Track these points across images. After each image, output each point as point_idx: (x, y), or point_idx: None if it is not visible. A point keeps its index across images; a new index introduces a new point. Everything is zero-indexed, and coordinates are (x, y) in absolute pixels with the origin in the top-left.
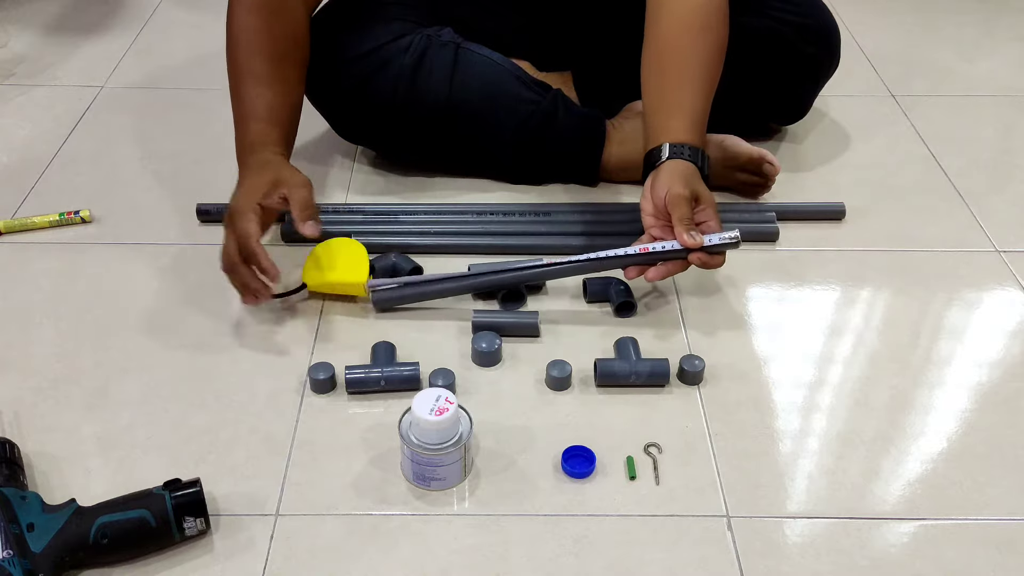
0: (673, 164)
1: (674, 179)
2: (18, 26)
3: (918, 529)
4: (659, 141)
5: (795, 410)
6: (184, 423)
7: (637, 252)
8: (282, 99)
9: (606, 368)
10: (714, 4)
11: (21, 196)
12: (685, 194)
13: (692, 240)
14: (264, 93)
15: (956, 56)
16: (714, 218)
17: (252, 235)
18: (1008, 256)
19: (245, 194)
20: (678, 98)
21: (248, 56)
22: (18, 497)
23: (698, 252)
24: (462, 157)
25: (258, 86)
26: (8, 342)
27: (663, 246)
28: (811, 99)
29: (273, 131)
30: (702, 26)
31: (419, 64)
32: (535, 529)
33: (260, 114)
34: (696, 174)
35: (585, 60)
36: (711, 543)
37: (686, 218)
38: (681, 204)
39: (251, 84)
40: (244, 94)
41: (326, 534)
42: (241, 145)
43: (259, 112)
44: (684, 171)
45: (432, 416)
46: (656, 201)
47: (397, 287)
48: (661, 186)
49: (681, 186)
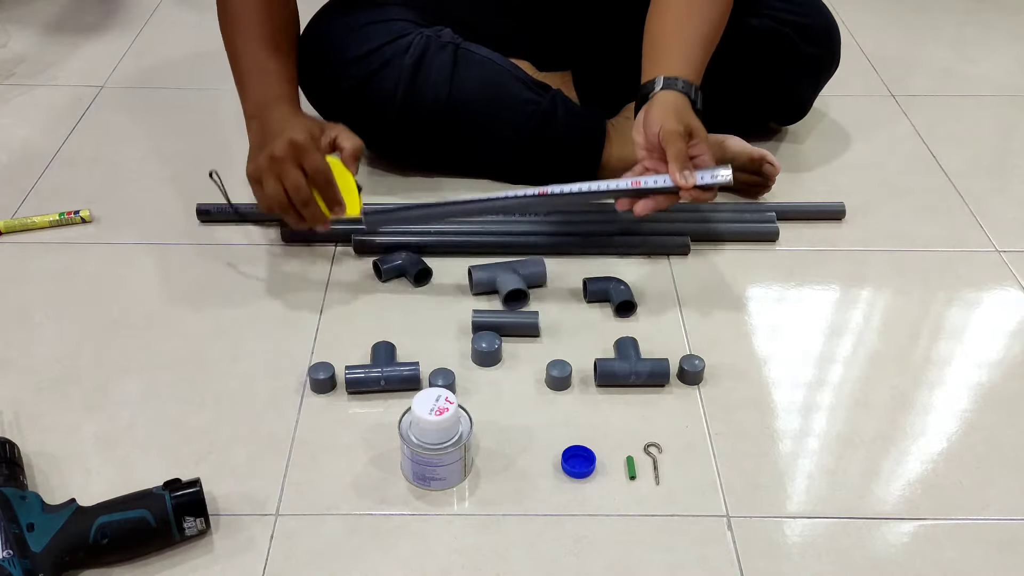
0: (665, 96)
1: (667, 113)
2: (18, 26)
3: (918, 529)
4: (653, 75)
5: (795, 410)
6: (184, 423)
7: (629, 186)
8: (288, 63)
9: (606, 368)
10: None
11: (21, 196)
12: (679, 129)
13: (685, 181)
14: (272, 55)
15: (956, 56)
16: (707, 152)
17: (327, 169)
18: (1008, 256)
19: (301, 131)
20: (676, 40)
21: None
22: (18, 497)
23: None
24: (462, 157)
25: (265, 49)
26: (8, 342)
27: (655, 181)
28: (811, 99)
29: (291, 91)
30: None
31: (419, 64)
32: (535, 529)
33: (276, 75)
34: (688, 106)
35: (585, 60)
36: (711, 543)
37: (681, 154)
38: (675, 140)
39: (257, 48)
40: (251, 57)
41: (326, 534)
42: (262, 98)
43: (274, 72)
44: (676, 103)
45: (432, 416)
46: (649, 135)
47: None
48: (654, 120)
49: (674, 121)
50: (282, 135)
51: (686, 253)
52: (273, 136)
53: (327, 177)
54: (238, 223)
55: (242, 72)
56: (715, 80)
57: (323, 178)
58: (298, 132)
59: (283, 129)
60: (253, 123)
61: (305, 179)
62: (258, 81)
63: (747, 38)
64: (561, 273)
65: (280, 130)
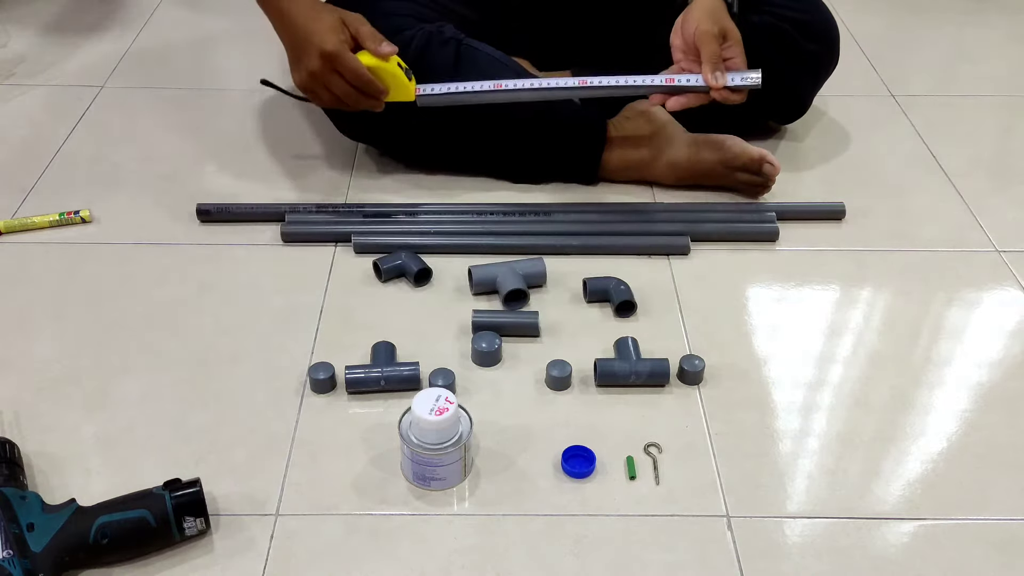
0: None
1: (703, 16)
2: (18, 26)
3: (918, 529)
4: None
5: (795, 410)
6: (184, 423)
7: (663, 83)
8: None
9: (606, 368)
10: None
11: (21, 196)
12: (713, 31)
13: (716, 81)
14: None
15: (956, 56)
16: (740, 55)
17: (364, 69)
18: (1008, 256)
19: (329, 35)
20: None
21: None
22: (18, 497)
23: (721, 90)
24: (462, 155)
25: None
26: (8, 342)
27: (688, 79)
28: (811, 96)
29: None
30: None
31: (421, 60)
32: (535, 529)
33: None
34: (724, 10)
35: (585, 60)
36: (711, 543)
37: (715, 55)
38: (710, 41)
39: None
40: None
41: (326, 534)
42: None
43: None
44: (713, 7)
45: (432, 416)
46: (686, 36)
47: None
48: (691, 21)
49: (710, 23)
50: (311, 46)
51: (686, 253)
52: (302, 43)
53: (365, 77)
54: (238, 223)
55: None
56: None
57: (362, 80)
58: (325, 37)
59: (309, 31)
60: (275, 22)
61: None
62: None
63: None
64: (561, 273)
65: (306, 34)
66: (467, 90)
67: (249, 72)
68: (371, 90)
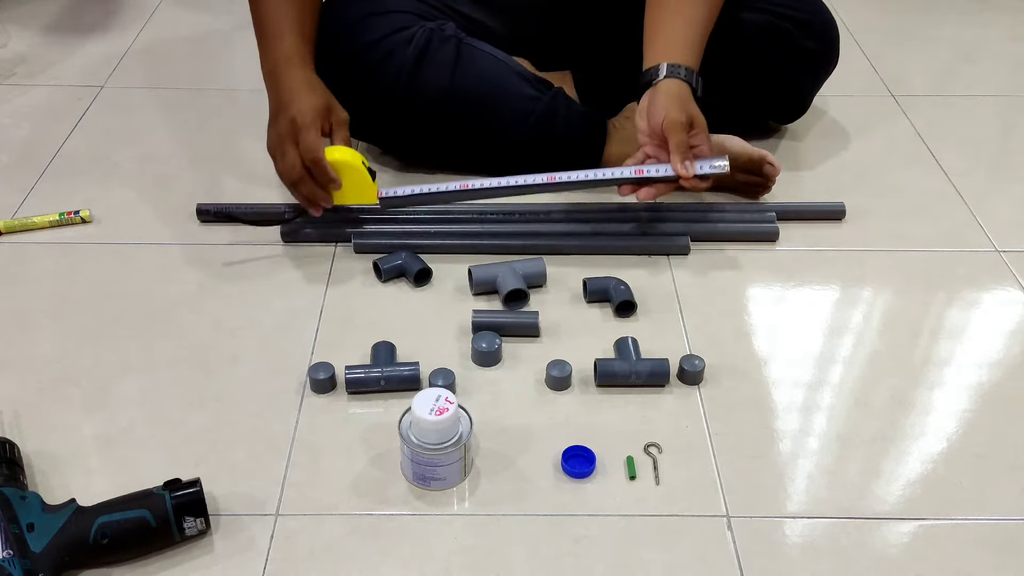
0: (669, 84)
1: (671, 102)
2: (18, 26)
3: (918, 529)
4: (656, 61)
5: (795, 410)
6: (184, 423)
7: (632, 174)
8: (307, 14)
9: (606, 368)
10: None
11: (21, 196)
12: (681, 119)
13: (686, 171)
14: (290, 9)
15: (956, 56)
16: (706, 142)
17: (319, 149)
18: (1008, 256)
19: (306, 111)
20: (676, 24)
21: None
22: (18, 497)
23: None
24: (462, 153)
25: (283, 4)
26: (8, 342)
27: (656, 170)
28: (811, 96)
29: (304, 46)
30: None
31: (422, 57)
32: (535, 529)
33: (291, 28)
34: (690, 95)
35: (585, 60)
36: (711, 543)
37: (683, 144)
38: (678, 130)
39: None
40: (270, 10)
41: (326, 534)
42: (274, 59)
43: (289, 26)
44: (680, 93)
45: (432, 416)
46: (652, 123)
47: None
48: (658, 109)
49: (677, 111)
50: (287, 111)
51: (686, 253)
52: (283, 106)
53: (315, 156)
54: (238, 223)
55: (259, 26)
56: (715, 77)
57: (311, 157)
58: (302, 108)
59: (292, 99)
60: (267, 84)
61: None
62: (272, 39)
63: (746, 33)
64: (561, 273)
65: (289, 100)
66: (432, 191)
67: (249, 72)
68: (319, 173)
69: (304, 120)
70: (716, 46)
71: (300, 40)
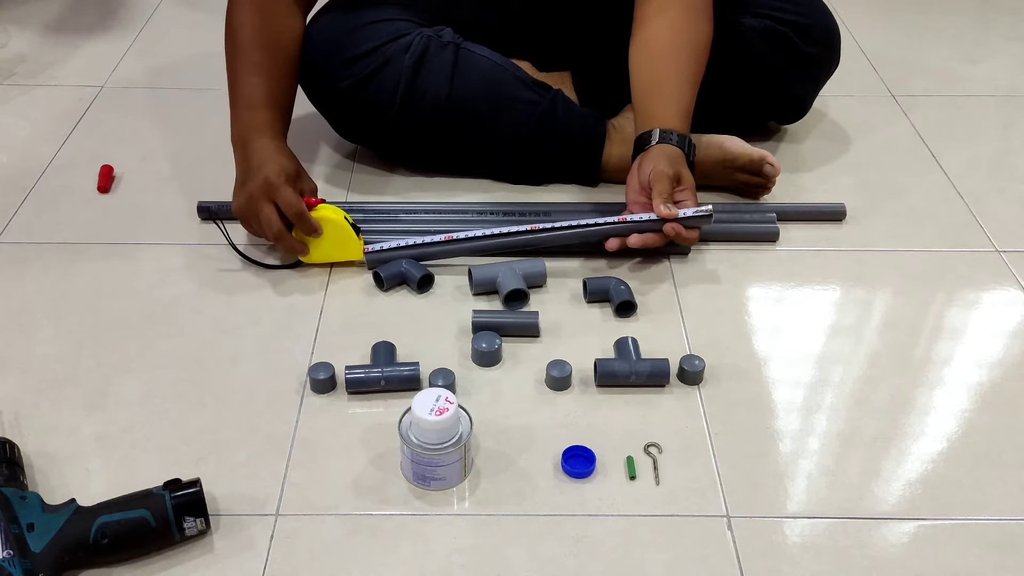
0: (661, 148)
1: (661, 158)
2: (18, 26)
3: (918, 529)
4: (649, 127)
5: (795, 410)
6: (184, 423)
7: (616, 221)
8: (281, 88)
9: (606, 368)
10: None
11: (21, 196)
12: (669, 172)
13: (667, 212)
14: (264, 82)
15: (956, 56)
16: (692, 199)
17: (301, 203)
18: (1008, 256)
19: (279, 173)
20: (667, 88)
21: (246, 48)
22: (18, 497)
23: (673, 223)
24: (462, 157)
25: (258, 75)
26: (8, 342)
27: (640, 217)
28: (811, 99)
29: (276, 119)
30: (688, 21)
31: (420, 64)
32: (535, 529)
33: (263, 101)
34: (682, 158)
35: (585, 60)
36: (711, 543)
37: (665, 192)
38: (663, 180)
39: (250, 73)
40: (244, 82)
41: (326, 534)
42: (246, 127)
43: (261, 99)
44: (671, 154)
45: (432, 416)
46: (642, 180)
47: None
48: (649, 163)
49: (666, 165)
50: (259, 173)
51: (686, 253)
52: (253, 170)
53: (298, 210)
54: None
55: (233, 96)
56: (716, 80)
57: (294, 211)
58: (273, 170)
59: (263, 163)
60: (236, 150)
61: (279, 215)
62: (244, 109)
63: (747, 38)
64: (561, 273)
65: (259, 166)
66: (417, 243)
67: None
68: (302, 223)
69: (279, 180)
70: (717, 51)
71: (273, 113)
